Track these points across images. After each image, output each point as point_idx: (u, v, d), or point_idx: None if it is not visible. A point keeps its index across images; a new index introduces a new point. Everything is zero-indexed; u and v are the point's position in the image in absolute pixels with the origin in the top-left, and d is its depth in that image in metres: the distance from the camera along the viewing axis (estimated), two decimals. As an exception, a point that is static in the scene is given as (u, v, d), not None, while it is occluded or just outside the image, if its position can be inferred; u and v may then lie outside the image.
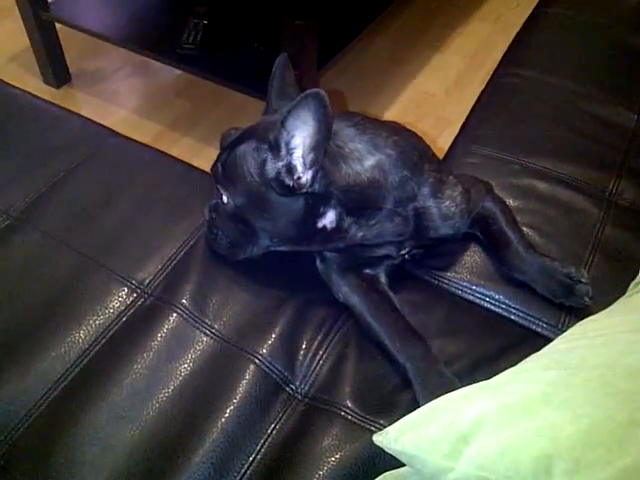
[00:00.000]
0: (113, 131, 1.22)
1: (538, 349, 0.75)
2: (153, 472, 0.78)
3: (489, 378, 0.66)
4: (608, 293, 0.90)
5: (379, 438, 0.67)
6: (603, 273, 0.98)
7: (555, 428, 0.54)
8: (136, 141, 1.22)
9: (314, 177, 0.82)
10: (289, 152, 0.81)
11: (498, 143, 1.18)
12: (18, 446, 0.80)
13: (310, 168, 0.81)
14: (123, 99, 2.24)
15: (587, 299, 0.93)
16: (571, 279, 0.94)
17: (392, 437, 0.65)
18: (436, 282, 1.00)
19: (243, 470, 0.78)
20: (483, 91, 1.37)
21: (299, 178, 0.82)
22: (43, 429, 0.81)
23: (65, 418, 0.82)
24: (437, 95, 2.24)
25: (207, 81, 1.85)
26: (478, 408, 0.59)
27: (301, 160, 0.81)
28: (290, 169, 0.82)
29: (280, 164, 0.83)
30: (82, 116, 1.27)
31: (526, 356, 0.74)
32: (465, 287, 0.99)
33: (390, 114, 2.15)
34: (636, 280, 0.90)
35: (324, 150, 0.81)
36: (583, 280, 0.94)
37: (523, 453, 0.53)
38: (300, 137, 0.79)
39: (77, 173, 1.11)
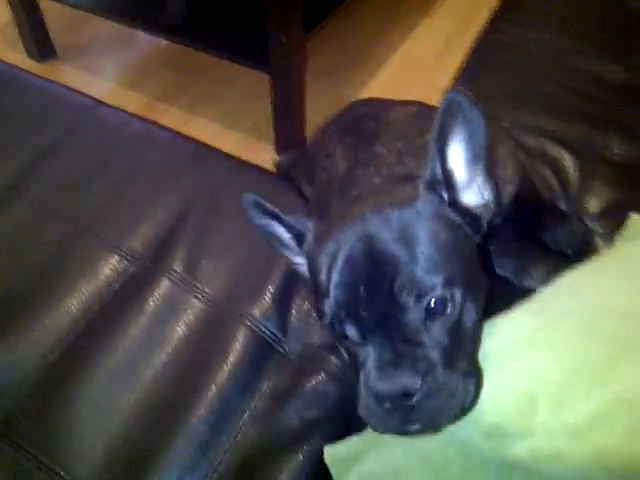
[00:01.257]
0: (98, 101, 1.21)
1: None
2: (151, 434, 0.79)
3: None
4: (596, 246, 0.91)
5: None
6: (592, 227, 0.99)
7: (539, 369, 0.55)
8: (122, 110, 1.22)
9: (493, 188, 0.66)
10: (466, 189, 0.65)
11: (487, 100, 1.17)
12: (17, 412, 0.81)
13: (487, 182, 0.65)
14: (109, 71, 2.21)
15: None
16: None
17: None
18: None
19: (238, 426, 0.79)
20: (472, 49, 1.36)
21: (484, 204, 0.66)
22: (41, 395, 0.82)
23: (62, 384, 0.83)
24: (426, 59, 2.22)
25: (194, 50, 1.83)
26: None
27: (477, 183, 0.65)
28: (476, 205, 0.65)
29: (465, 206, 0.65)
30: (66, 86, 1.26)
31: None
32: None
33: (379, 79, 2.13)
34: (623, 233, 0.91)
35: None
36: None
37: (508, 393, 0.54)
38: (462, 159, 0.63)
39: (64, 143, 1.11)
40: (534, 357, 0.56)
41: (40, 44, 2.15)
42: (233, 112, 2.01)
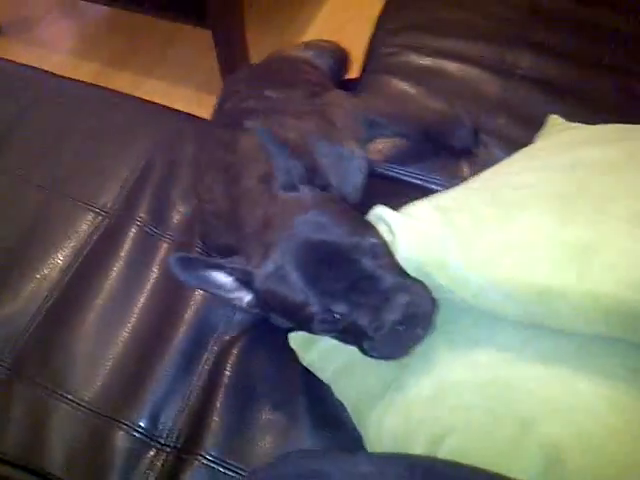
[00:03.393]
0: (52, 73, 1.29)
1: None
2: (142, 356, 0.93)
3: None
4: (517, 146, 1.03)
5: None
6: (508, 132, 1.13)
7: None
8: (76, 80, 1.30)
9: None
10: None
11: (410, 31, 1.29)
12: (23, 355, 0.94)
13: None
14: (56, 43, 2.25)
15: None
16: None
17: None
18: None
19: (216, 336, 0.94)
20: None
21: None
22: (42, 338, 0.95)
23: (59, 326, 0.96)
24: (363, -5, 2.28)
25: (138, 14, 1.88)
26: None
27: None
28: None
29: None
30: (18, 63, 1.33)
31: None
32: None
33: (318, 20, 2.20)
34: (543, 131, 1.03)
35: None
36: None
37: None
38: None
39: (27, 117, 1.19)
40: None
41: (-17, 23, 2.18)
42: (183, 70, 2.08)
